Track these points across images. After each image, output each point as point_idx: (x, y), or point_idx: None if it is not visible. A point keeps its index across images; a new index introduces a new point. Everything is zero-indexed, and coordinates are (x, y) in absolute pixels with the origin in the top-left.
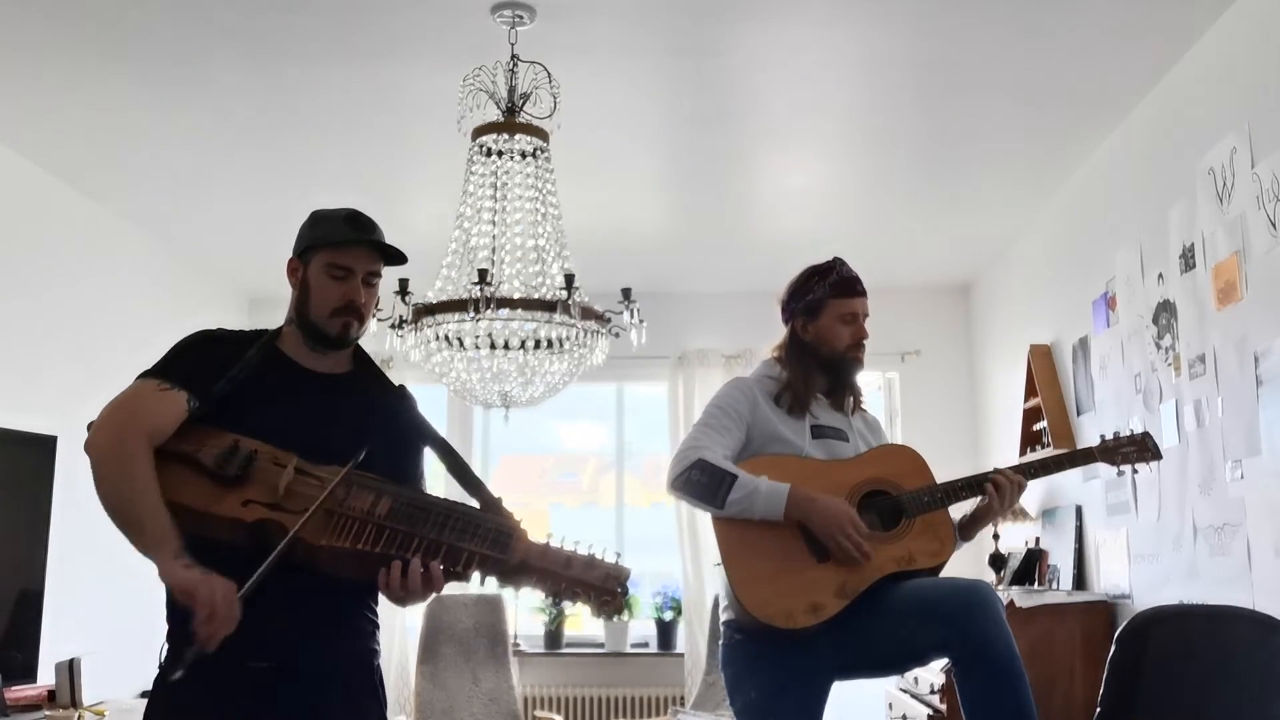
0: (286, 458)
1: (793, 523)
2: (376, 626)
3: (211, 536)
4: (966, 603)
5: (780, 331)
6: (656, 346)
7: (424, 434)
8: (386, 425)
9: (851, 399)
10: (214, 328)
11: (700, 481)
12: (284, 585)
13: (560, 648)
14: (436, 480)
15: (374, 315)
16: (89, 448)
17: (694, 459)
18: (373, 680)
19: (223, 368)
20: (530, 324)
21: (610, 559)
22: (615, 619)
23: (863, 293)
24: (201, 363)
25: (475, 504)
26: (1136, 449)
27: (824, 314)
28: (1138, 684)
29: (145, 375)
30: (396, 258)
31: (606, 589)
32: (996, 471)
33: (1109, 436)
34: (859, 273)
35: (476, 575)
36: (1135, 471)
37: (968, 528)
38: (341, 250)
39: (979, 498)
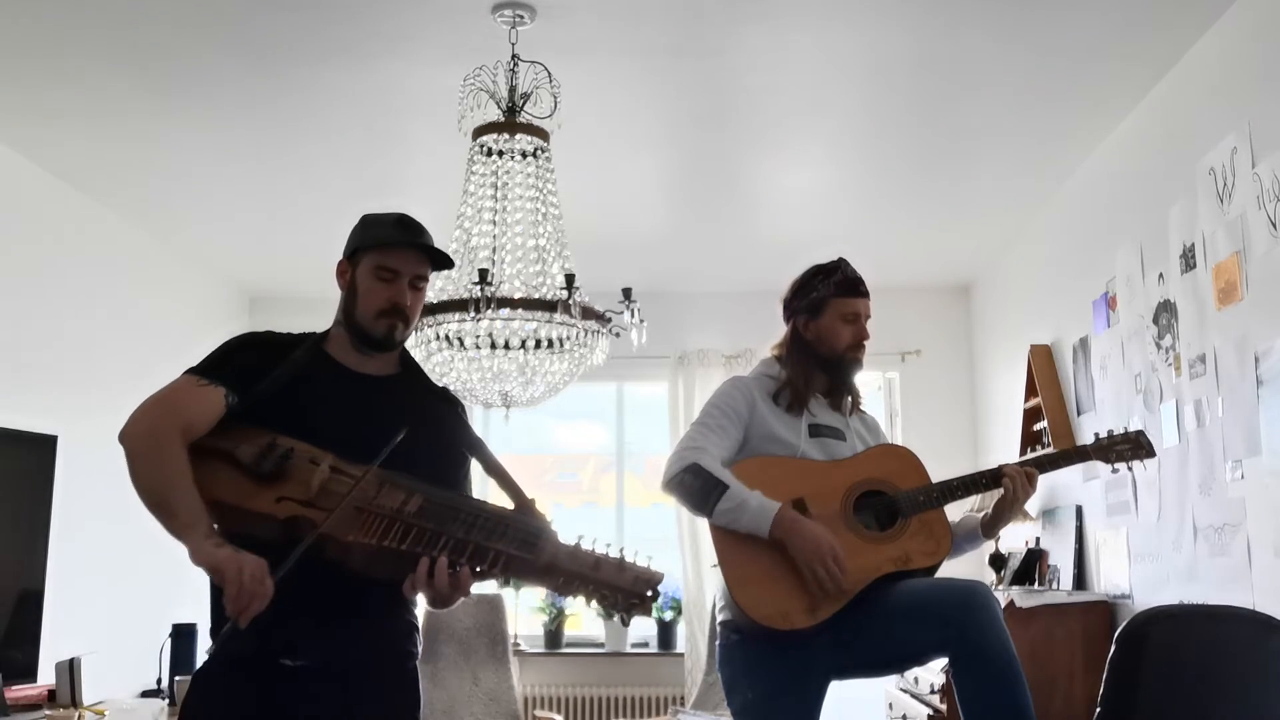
0: (323, 456)
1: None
2: (415, 628)
3: (246, 532)
4: (963, 603)
5: (781, 330)
6: (656, 346)
7: (464, 437)
8: (431, 428)
9: (850, 399)
10: (261, 330)
11: (692, 486)
12: (319, 585)
13: (560, 647)
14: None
15: (419, 318)
16: (123, 437)
17: (689, 461)
18: (405, 681)
19: (266, 367)
20: (531, 324)
21: (642, 563)
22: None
23: (866, 294)
24: (245, 362)
25: (511, 505)
26: (1131, 447)
27: (826, 313)
28: (1137, 684)
29: (189, 371)
30: (443, 262)
31: (636, 592)
32: (1003, 466)
33: (1103, 435)
34: (860, 273)
35: (504, 576)
36: (1130, 469)
37: (989, 526)
38: (389, 253)
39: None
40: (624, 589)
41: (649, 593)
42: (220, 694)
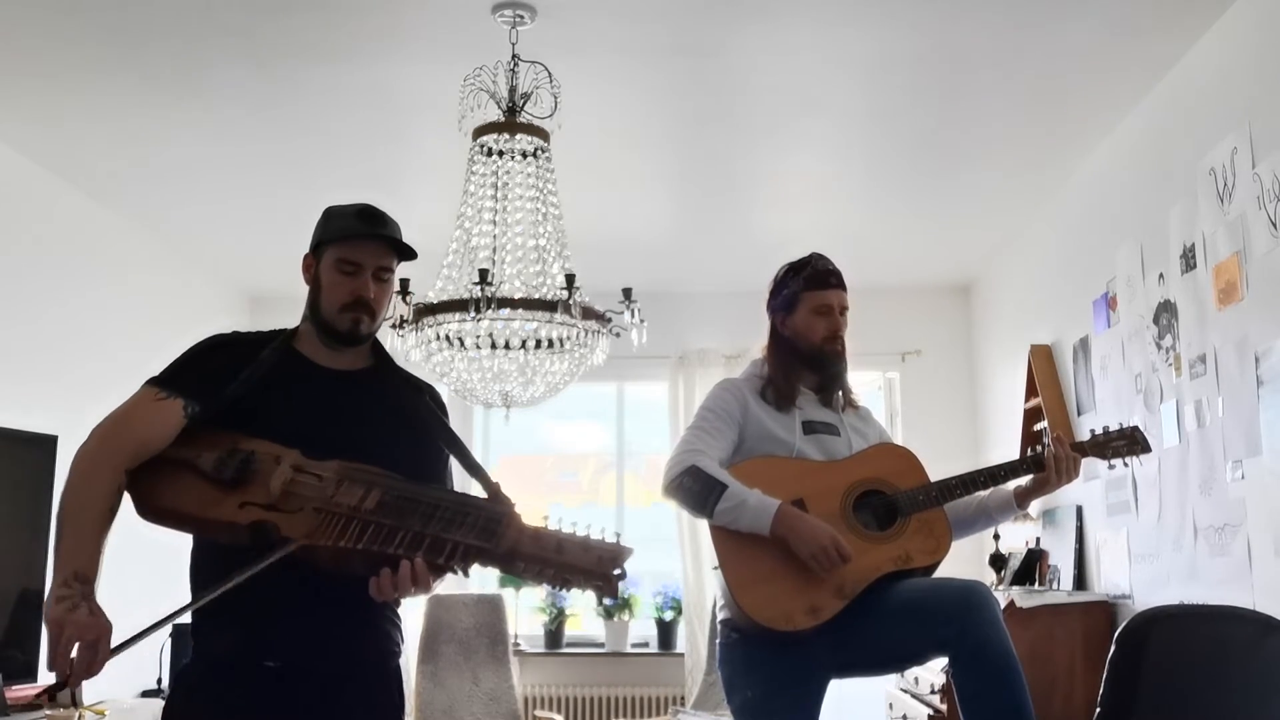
0: (286, 455)
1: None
2: (396, 625)
3: (215, 540)
4: (963, 603)
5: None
6: (656, 346)
7: (434, 426)
8: (404, 420)
9: (841, 395)
10: (228, 332)
11: (692, 488)
12: (298, 585)
13: (560, 647)
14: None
15: (387, 311)
16: (76, 452)
17: (688, 464)
18: (388, 681)
19: (233, 371)
20: (531, 324)
21: (610, 539)
22: (614, 614)
23: (837, 285)
24: (208, 368)
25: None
26: (1127, 443)
27: (800, 308)
28: (1137, 684)
29: (150, 382)
30: (407, 253)
31: (601, 573)
32: (1056, 440)
33: (1099, 431)
34: (860, 271)
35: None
36: (1126, 465)
37: (1024, 497)
38: (351, 245)
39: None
40: (588, 570)
41: (615, 571)
42: (202, 696)
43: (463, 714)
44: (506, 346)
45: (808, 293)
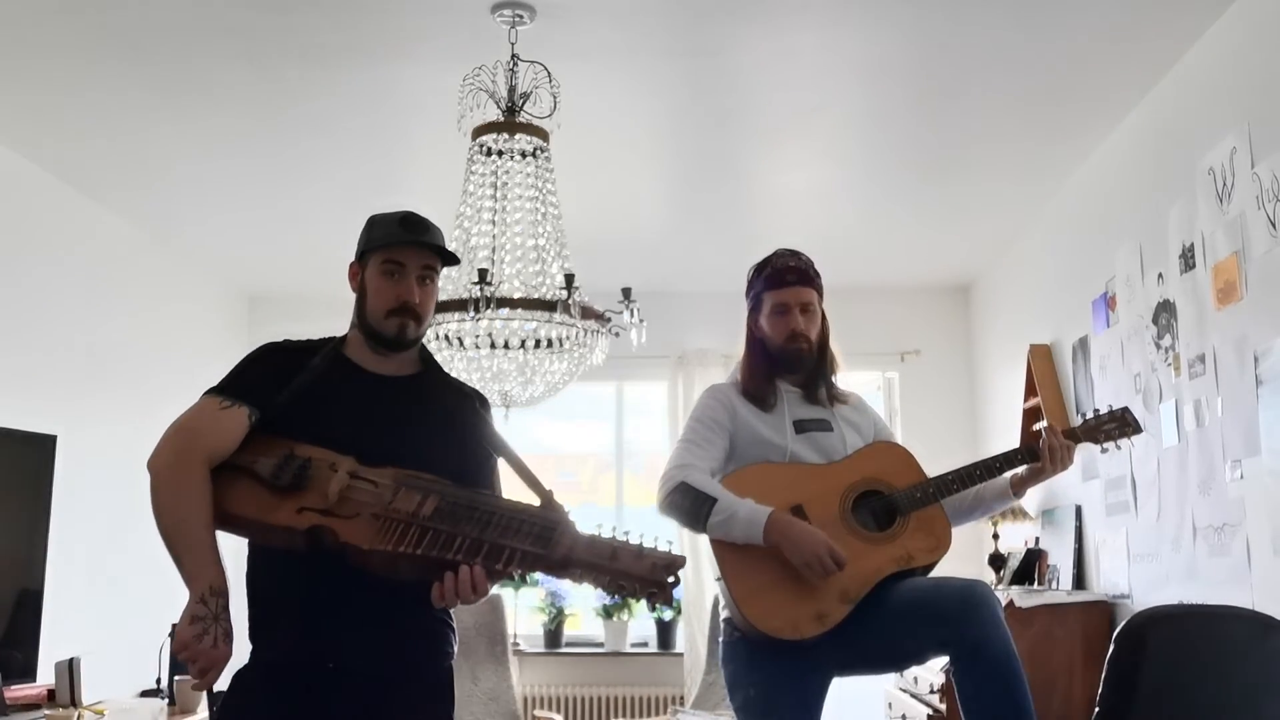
0: (341, 462)
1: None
2: (451, 627)
3: (272, 544)
4: (964, 602)
5: None
6: (656, 346)
7: (485, 432)
8: (451, 425)
9: (825, 390)
10: (280, 339)
11: (683, 505)
12: (357, 588)
13: (560, 647)
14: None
15: (432, 316)
16: (150, 466)
17: (678, 480)
18: (441, 684)
19: (287, 377)
20: (530, 324)
21: (662, 548)
22: (614, 614)
23: (795, 283)
24: (265, 375)
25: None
26: (1118, 425)
27: (763, 308)
28: (1136, 684)
29: (210, 392)
30: (450, 257)
31: (654, 580)
32: (1049, 429)
33: (1089, 415)
34: (859, 271)
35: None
36: (1119, 448)
37: (1020, 485)
38: (395, 251)
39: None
40: (642, 577)
41: (669, 579)
42: (260, 697)
43: (462, 714)
44: (506, 346)
45: (767, 293)
